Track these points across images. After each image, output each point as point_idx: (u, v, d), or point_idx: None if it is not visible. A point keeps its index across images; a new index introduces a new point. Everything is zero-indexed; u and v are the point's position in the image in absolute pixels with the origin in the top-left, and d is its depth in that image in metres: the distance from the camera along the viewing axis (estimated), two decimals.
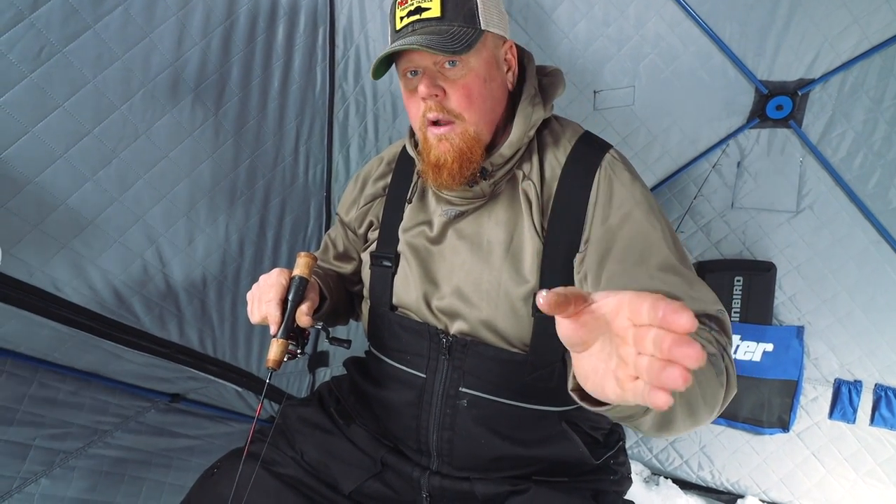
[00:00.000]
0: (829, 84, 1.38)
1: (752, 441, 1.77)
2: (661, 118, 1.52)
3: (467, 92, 0.89)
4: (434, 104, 0.88)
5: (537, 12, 1.40)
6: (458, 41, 0.84)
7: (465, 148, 0.89)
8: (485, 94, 0.91)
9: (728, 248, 1.66)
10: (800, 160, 1.50)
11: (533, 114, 0.95)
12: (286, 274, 0.94)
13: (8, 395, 1.17)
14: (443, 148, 0.90)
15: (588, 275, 0.89)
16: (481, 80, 0.90)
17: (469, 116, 0.90)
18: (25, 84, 0.94)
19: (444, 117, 0.89)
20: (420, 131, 0.93)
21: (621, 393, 0.47)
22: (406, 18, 0.87)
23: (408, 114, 0.96)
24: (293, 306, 0.90)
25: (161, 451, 1.55)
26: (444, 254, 1.00)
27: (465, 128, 0.89)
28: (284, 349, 0.89)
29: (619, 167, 0.94)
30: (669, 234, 0.90)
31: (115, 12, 1.02)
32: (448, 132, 0.89)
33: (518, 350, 0.96)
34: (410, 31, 0.87)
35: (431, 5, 0.86)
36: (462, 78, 0.88)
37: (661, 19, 1.38)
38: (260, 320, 0.92)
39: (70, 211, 1.08)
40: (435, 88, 0.88)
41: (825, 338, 1.62)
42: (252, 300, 0.95)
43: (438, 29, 0.86)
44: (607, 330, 0.49)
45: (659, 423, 0.65)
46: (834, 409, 1.66)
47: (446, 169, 0.90)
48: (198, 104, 1.23)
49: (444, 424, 1.00)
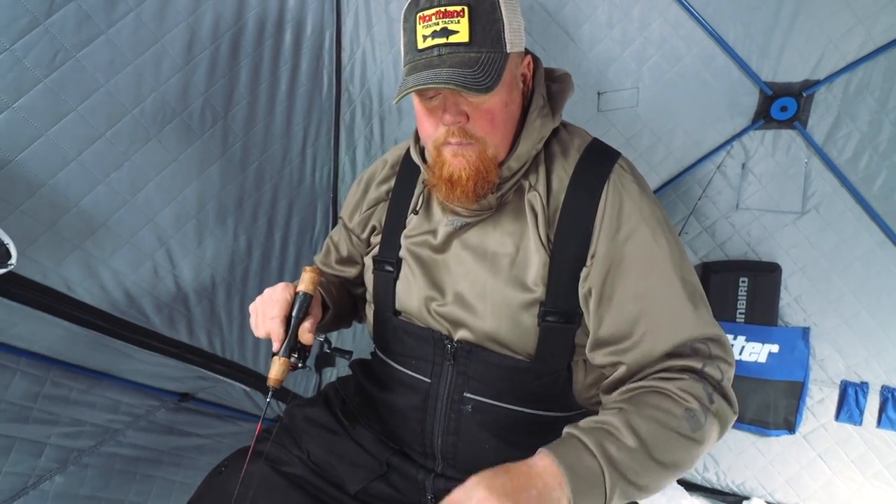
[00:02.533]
0: (833, 85, 1.38)
1: (758, 442, 1.76)
2: (666, 120, 1.53)
3: (490, 117, 0.87)
4: (456, 130, 0.86)
5: (541, 15, 1.42)
6: (488, 74, 0.81)
7: (481, 168, 0.88)
8: (506, 118, 0.89)
9: (733, 249, 1.66)
10: (805, 161, 1.50)
11: (541, 127, 0.93)
12: (290, 289, 0.94)
13: (22, 393, 1.19)
14: (458, 164, 0.88)
15: (592, 290, 0.90)
16: (503, 104, 0.88)
17: (490, 139, 0.88)
18: (40, 88, 0.97)
19: (466, 140, 0.87)
20: (434, 147, 0.91)
21: None
22: (430, 39, 0.82)
23: (419, 128, 0.94)
24: (296, 323, 0.91)
25: (171, 450, 1.57)
26: (448, 263, 1.00)
27: (483, 148, 0.88)
28: (287, 368, 0.89)
29: (627, 180, 0.93)
30: (676, 251, 0.90)
31: (127, 18, 1.04)
32: (465, 150, 0.87)
33: (523, 358, 0.96)
34: (436, 55, 0.83)
35: (459, 29, 0.81)
36: (485, 104, 0.86)
37: (665, 21, 1.39)
38: (264, 336, 0.93)
39: (83, 213, 1.11)
40: (460, 116, 0.86)
41: (831, 339, 1.61)
42: (255, 314, 0.95)
43: (467, 58, 0.82)
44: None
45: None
46: (840, 411, 1.65)
47: (460, 187, 0.88)
48: (207, 107, 1.25)
49: (449, 429, 1.00)
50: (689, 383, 0.80)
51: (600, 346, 0.91)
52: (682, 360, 0.84)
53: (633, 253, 0.89)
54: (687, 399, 0.78)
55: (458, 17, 0.81)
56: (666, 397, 0.79)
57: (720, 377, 0.83)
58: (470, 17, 0.81)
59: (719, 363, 0.84)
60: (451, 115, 0.85)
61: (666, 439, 0.76)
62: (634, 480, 0.72)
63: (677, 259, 0.89)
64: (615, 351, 0.89)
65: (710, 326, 0.87)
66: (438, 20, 0.82)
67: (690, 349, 0.84)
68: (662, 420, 0.76)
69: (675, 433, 0.76)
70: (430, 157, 0.93)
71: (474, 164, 0.87)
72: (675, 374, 0.83)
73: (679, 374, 0.82)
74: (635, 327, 0.87)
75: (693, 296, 0.88)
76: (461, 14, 0.81)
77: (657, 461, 0.74)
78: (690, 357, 0.84)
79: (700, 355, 0.84)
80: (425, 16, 0.82)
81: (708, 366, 0.83)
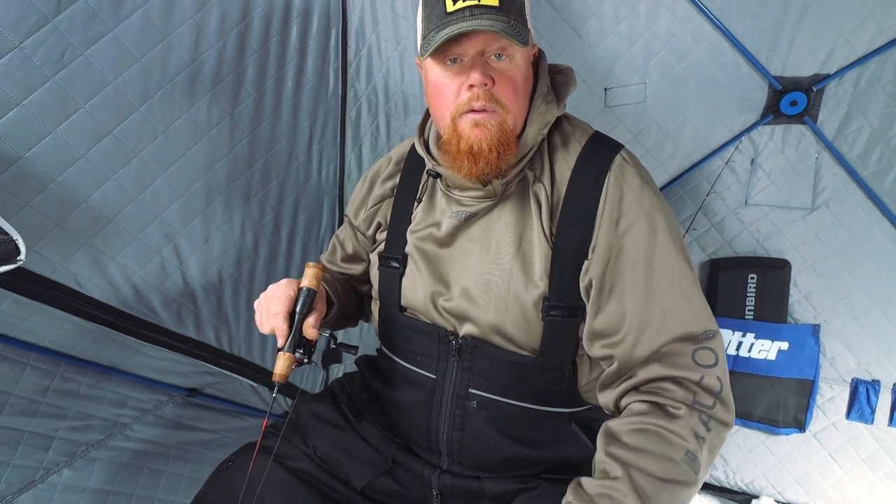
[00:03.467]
0: (844, 79, 1.37)
1: (768, 441, 1.75)
2: (673, 115, 1.52)
3: (513, 85, 0.88)
4: (482, 93, 0.86)
5: (548, 10, 1.41)
6: (520, 33, 0.83)
7: (502, 139, 0.87)
8: (524, 91, 0.90)
9: (742, 245, 1.65)
10: (815, 157, 1.48)
11: (546, 112, 0.93)
12: (294, 285, 0.94)
13: (32, 387, 1.21)
14: (478, 134, 0.87)
15: (593, 282, 0.89)
16: (523, 76, 0.89)
17: (511, 108, 0.88)
18: (48, 86, 0.97)
19: (490, 106, 0.86)
20: (451, 120, 0.89)
21: None
22: (460, 1, 0.83)
23: (437, 99, 0.92)
24: (301, 319, 0.91)
25: (179, 445, 1.59)
26: (452, 256, 1.00)
27: (504, 118, 0.87)
28: (291, 363, 0.89)
29: (629, 171, 0.92)
30: (674, 244, 0.89)
31: (135, 15, 1.05)
32: (487, 118, 0.86)
33: (528, 353, 0.96)
34: (469, 15, 0.82)
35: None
36: (509, 71, 0.87)
37: (673, 16, 1.38)
38: (269, 332, 0.94)
39: (91, 209, 1.11)
40: (486, 77, 0.85)
41: (842, 336, 1.60)
42: (260, 310, 0.96)
43: (499, 18, 0.82)
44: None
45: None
46: (851, 409, 1.64)
47: (483, 157, 0.87)
48: (214, 104, 1.25)
49: (455, 425, 1.00)
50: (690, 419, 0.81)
51: (595, 337, 0.91)
52: (679, 370, 0.84)
53: (632, 245, 0.88)
54: (687, 440, 0.79)
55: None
56: (666, 442, 0.79)
57: (719, 388, 0.83)
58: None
59: (718, 373, 0.84)
60: (480, 74, 0.85)
61: (671, 495, 0.78)
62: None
63: (676, 252, 0.89)
64: (608, 344, 0.89)
65: (704, 321, 0.87)
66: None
67: (691, 358, 0.84)
68: (665, 475, 0.78)
69: (679, 484, 0.78)
70: (446, 133, 0.92)
71: (496, 135, 0.87)
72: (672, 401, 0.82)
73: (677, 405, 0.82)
74: (629, 321, 0.87)
75: (688, 291, 0.88)
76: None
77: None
78: (688, 367, 0.84)
79: (700, 365, 0.84)
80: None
81: (706, 377, 0.83)
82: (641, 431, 0.81)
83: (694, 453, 0.79)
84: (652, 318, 0.86)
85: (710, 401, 0.82)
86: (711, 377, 0.83)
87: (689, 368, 0.84)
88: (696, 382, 0.82)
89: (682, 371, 0.83)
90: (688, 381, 0.83)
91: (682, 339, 0.85)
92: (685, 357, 0.84)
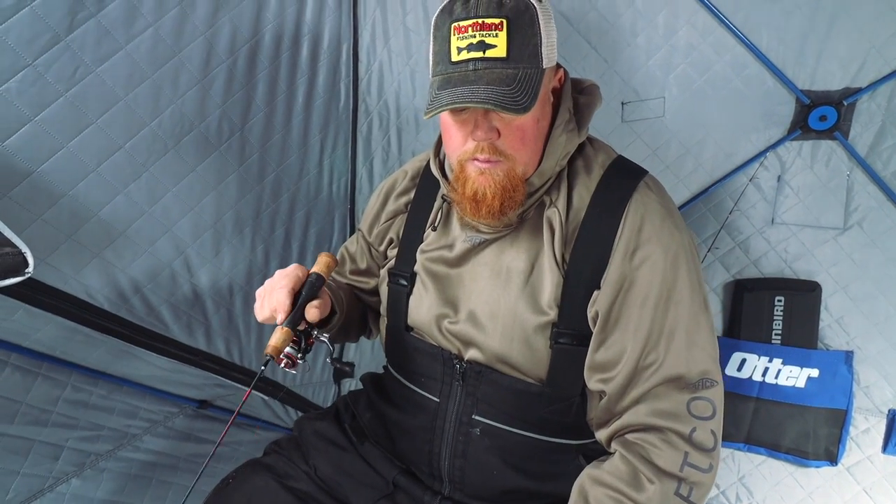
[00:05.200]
0: (877, 93, 1.30)
1: (797, 473, 1.65)
2: (695, 130, 1.47)
3: (522, 135, 0.84)
4: (486, 145, 0.83)
5: (562, 24, 1.38)
6: (524, 93, 0.77)
7: (508, 186, 0.84)
8: (536, 135, 0.86)
9: (768, 265, 1.57)
10: (847, 174, 1.41)
11: (566, 143, 0.89)
12: (304, 270, 0.92)
13: (43, 397, 1.22)
14: (483, 182, 0.84)
15: (599, 314, 0.86)
16: (535, 120, 0.85)
17: (520, 157, 0.85)
18: (61, 102, 0.99)
19: (494, 158, 0.83)
20: (458, 162, 0.88)
21: None
22: (466, 52, 0.78)
23: (445, 141, 0.91)
24: (304, 300, 0.87)
25: (188, 457, 1.59)
26: (462, 278, 0.98)
27: (511, 166, 0.84)
28: (288, 338, 0.84)
29: (651, 200, 0.88)
30: (690, 284, 0.86)
31: (146, 33, 1.07)
32: (492, 168, 0.84)
33: (534, 381, 0.93)
34: (472, 69, 0.79)
35: (497, 43, 0.77)
36: (517, 120, 0.83)
37: (693, 28, 1.33)
38: (268, 315, 0.88)
39: (102, 222, 1.13)
40: (491, 132, 0.82)
41: (877, 364, 1.50)
42: (261, 296, 0.92)
43: (504, 74, 0.78)
44: None
45: None
46: (888, 443, 1.53)
47: (486, 205, 0.85)
48: (224, 120, 1.27)
49: (457, 452, 0.98)
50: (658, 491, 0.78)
51: (594, 370, 0.88)
52: (670, 420, 0.80)
53: (645, 279, 0.84)
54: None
55: (496, 31, 0.77)
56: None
57: (711, 445, 0.80)
58: (508, 30, 0.77)
59: (712, 426, 0.81)
60: (483, 132, 0.82)
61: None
62: None
63: (689, 293, 0.85)
64: (603, 379, 0.86)
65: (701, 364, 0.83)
66: (475, 32, 0.78)
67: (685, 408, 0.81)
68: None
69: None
70: (454, 171, 0.90)
71: (501, 183, 0.84)
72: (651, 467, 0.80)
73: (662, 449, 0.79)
74: (625, 357, 0.84)
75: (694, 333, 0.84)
76: (499, 27, 0.77)
77: None
78: (681, 419, 0.80)
79: (694, 416, 0.80)
80: (461, 27, 0.78)
81: (699, 430, 0.80)
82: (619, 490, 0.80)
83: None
84: (648, 358, 0.83)
85: (706, 463, 0.79)
86: (705, 431, 0.80)
87: (678, 419, 0.80)
88: (687, 437, 0.79)
89: (670, 422, 0.80)
90: (677, 434, 0.79)
91: (672, 380, 0.81)
92: (678, 405, 0.81)
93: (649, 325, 0.83)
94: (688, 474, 0.78)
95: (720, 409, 0.82)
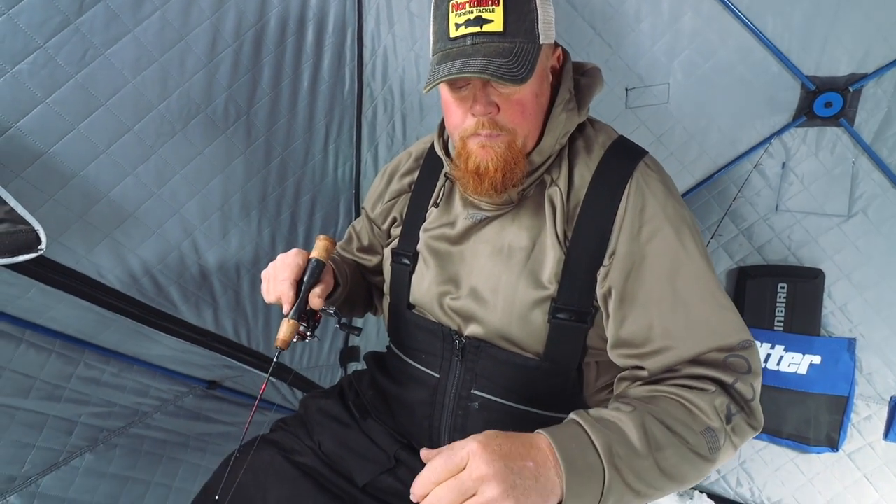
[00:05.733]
0: (883, 79, 1.28)
1: (797, 459, 1.66)
2: (699, 116, 1.46)
3: (521, 108, 0.86)
4: (486, 121, 0.85)
5: (566, 9, 1.38)
6: (521, 65, 0.80)
7: (509, 158, 0.86)
8: (536, 109, 0.88)
9: (772, 252, 1.57)
10: (852, 161, 1.40)
11: (566, 121, 0.91)
12: (303, 255, 0.95)
13: (57, 373, 1.26)
14: (485, 155, 0.86)
15: (613, 290, 0.87)
16: (534, 95, 0.86)
17: (520, 130, 0.87)
18: (71, 84, 1.02)
19: (495, 132, 0.86)
20: (460, 139, 0.90)
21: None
22: (464, 28, 0.81)
23: (446, 118, 0.93)
24: (307, 288, 0.91)
25: (197, 435, 1.63)
26: (463, 255, 1.00)
27: (512, 138, 0.86)
28: (294, 330, 0.89)
29: (652, 178, 0.90)
30: (699, 254, 0.86)
31: (153, 17, 1.09)
32: (493, 141, 0.86)
33: (531, 356, 0.95)
34: (469, 44, 0.82)
35: (494, 17, 0.80)
36: (516, 94, 0.84)
37: (698, 14, 1.33)
38: (275, 300, 0.93)
39: (112, 203, 1.16)
40: (490, 106, 0.84)
41: (880, 352, 1.50)
42: (267, 279, 0.96)
43: (501, 47, 0.80)
44: None
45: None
46: (890, 430, 1.53)
47: (488, 178, 0.87)
48: (231, 103, 1.29)
49: (456, 426, 1.00)
50: (716, 398, 0.77)
51: (620, 346, 0.89)
52: (712, 370, 0.81)
53: (657, 253, 0.86)
54: (710, 417, 0.75)
55: (492, 6, 0.80)
56: (688, 411, 0.76)
57: (751, 396, 0.80)
58: (505, 5, 0.80)
59: (752, 380, 0.80)
60: (482, 106, 0.84)
61: (679, 454, 0.72)
62: (633, 484, 0.68)
63: (702, 262, 0.86)
64: (637, 354, 0.87)
65: (739, 331, 0.83)
66: (472, 8, 0.81)
67: (723, 363, 0.81)
68: (680, 432, 0.73)
69: (690, 450, 0.73)
70: (455, 148, 0.92)
71: (502, 156, 0.86)
72: (702, 383, 0.79)
73: (706, 384, 0.79)
74: (658, 332, 0.84)
75: (719, 300, 0.85)
76: (496, 2, 0.80)
77: (662, 470, 0.71)
78: (722, 369, 0.81)
79: (733, 370, 0.81)
80: (459, 4, 0.81)
81: (740, 382, 0.80)
82: (660, 397, 0.79)
83: (715, 432, 0.75)
84: (686, 329, 0.83)
85: (749, 393, 0.80)
86: (745, 384, 0.80)
87: (721, 370, 0.80)
88: (730, 385, 0.79)
89: (714, 371, 0.80)
90: (722, 381, 0.80)
91: (717, 350, 0.82)
92: (718, 363, 0.82)
93: (672, 297, 0.84)
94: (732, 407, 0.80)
95: (757, 366, 0.82)
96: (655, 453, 0.70)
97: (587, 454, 0.67)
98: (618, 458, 0.67)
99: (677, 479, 0.72)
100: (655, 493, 0.72)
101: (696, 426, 0.74)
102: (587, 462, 0.66)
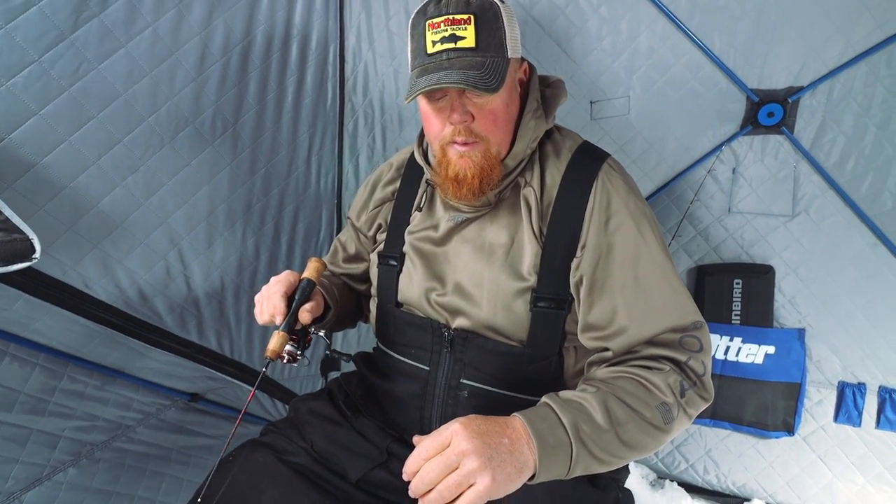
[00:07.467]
0: (817, 91, 1.43)
1: (758, 444, 1.77)
2: (657, 127, 1.58)
3: (493, 117, 0.95)
4: (463, 129, 0.94)
5: (534, 28, 1.49)
6: (493, 76, 0.89)
7: (486, 166, 0.95)
8: (507, 118, 0.97)
9: (727, 251, 1.69)
10: (793, 165, 1.53)
11: (535, 127, 1.01)
12: (296, 275, 1.02)
13: (40, 386, 1.25)
14: (463, 164, 0.95)
15: (584, 278, 0.96)
16: (504, 105, 0.96)
17: (493, 138, 0.96)
18: (64, 97, 1.05)
19: (471, 139, 0.94)
20: (440, 148, 0.98)
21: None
22: (440, 45, 0.90)
23: (426, 128, 1.01)
24: (298, 304, 0.97)
25: (180, 448, 1.62)
26: (447, 255, 1.07)
27: (487, 147, 0.95)
28: (285, 342, 0.94)
29: (615, 177, 1.00)
30: (658, 244, 0.97)
31: (145, 33, 1.13)
32: (470, 150, 0.95)
33: (516, 344, 1.02)
34: (445, 58, 0.90)
35: (466, 34, 0.90)
36: (489, 104, 0.94)
37: (653, 33, 1.45)
38: (268, 318, 0.99)
39: (101, 214, 1.18)
40: (466, 115, 0.93)
41: (827, 340, 1.63)
42: (260, 301, 1.02)
43: (474, 61, 0.89)
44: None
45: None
46: (839, 413, 1.65)
47: (466, 184, 0.96)
48: (218, 116, 1.33)
49: (446, 415, 1.05)
50: (670, 375, 0.87)
51: (588, 329, 0.97)
52: (667, 349, 0.90)
53: (621, 243, 0.96)
54: (664, 393, 0.85)
55: (465, 25, 0.89)
56: (645, 389, 0.85)
57: (702, 371, 0.90)
58: (476, 24, 0.90)
59: (703, 357, 0.90)
60: (459, 115, 0.93)
61: (636, 426, 0.82)
62: (598, 455, 0.78)
63: (660, 251, 0.97)
64: (602, 336, 0.95)
65: (691, 313, 0.94)
66: (447, 27, 0.90)
67: (678, 342, 0.91)
68: (637, 408, 0.83)
69: (647, 422, 0.83)
70: (436, 156, 1.00)
71: (479, 163, 0.95)
72: (657, 363, 0.89)
73: (661, 364, 0.89)
74: (620, 315, 0.93)
75: (674, 285, 0.95)
76: (468, 22, 0.89)
77: (623, 442, 0.80)
78: (676, 349, 0.90)
79: (686, 349, 0.90)
80: (434, 23, 0.91)
81: (693, 359, 0.89)
82: (621, 377, 0.88)
83: (669, 406, 0.84)
84: (644, 311, 0.93)
85: (701, 369, 0.89)
86: (697, 361, 0.90)
87: (676, 350, 0.90)
88: (684, 363, 0.89)
89: (670, 351, 0.90)
90: (676, 360, 0.89)
91: (672, 330, 0.92)
92: (673, 343, 0.91)
93: (634, 283, 0.94)
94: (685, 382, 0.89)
95: (707, 345, 0.92)
96: (616, 427, 0.80)
97: (556, 431, 0.76)
98: (583, 434, 0.77)
99: (637, 448, 0.82)
100: (618, 461, 0.82)
101: (652, 401, 0.84)
102: (557, 438, 0.76)
